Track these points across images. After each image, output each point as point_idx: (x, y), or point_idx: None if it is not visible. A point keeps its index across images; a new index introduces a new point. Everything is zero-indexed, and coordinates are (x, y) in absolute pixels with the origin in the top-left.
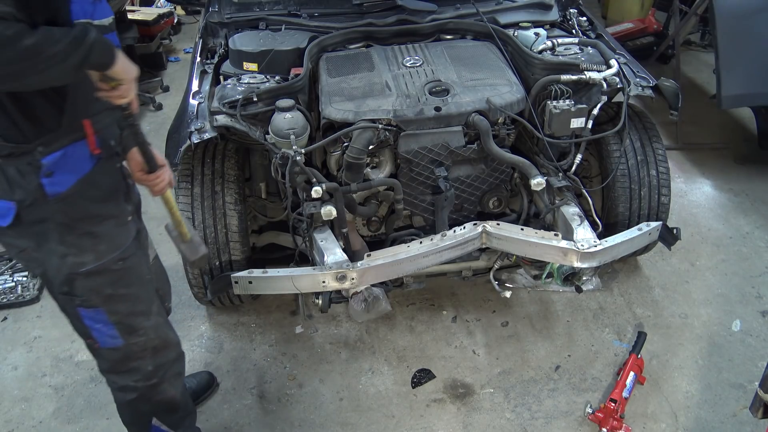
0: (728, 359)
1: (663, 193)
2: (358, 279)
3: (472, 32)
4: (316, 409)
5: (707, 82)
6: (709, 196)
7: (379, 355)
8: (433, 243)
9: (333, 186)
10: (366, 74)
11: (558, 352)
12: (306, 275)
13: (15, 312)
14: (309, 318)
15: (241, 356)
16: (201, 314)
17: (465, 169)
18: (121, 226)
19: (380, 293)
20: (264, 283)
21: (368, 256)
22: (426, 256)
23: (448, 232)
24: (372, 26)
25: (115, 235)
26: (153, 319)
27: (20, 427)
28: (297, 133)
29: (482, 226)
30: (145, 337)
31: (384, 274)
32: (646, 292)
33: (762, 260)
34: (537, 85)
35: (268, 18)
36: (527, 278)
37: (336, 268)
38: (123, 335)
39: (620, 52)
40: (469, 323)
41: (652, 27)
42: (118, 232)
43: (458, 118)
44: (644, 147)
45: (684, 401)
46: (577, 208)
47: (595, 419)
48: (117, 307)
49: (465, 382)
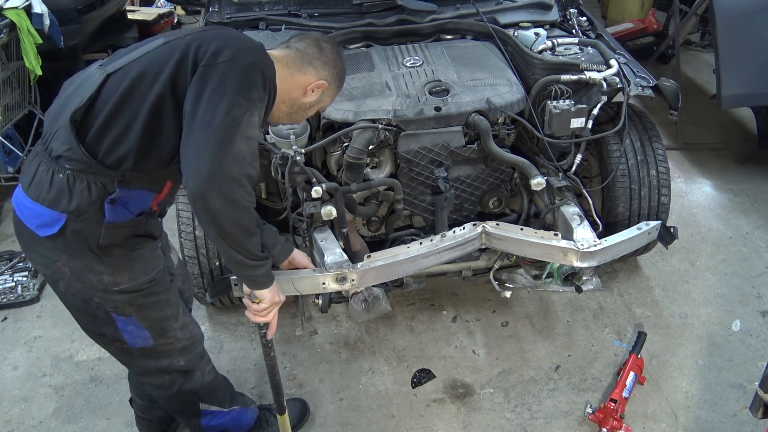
0: (728, 359)
1: (663, 193)
2: (358, 280)
3: (472, 32)
4: (316, 409)
5: (707, 82)
6: (709, 196)
7: (379, 355)
8: (432, 244)
9: (333, 186)
10: (366, 74)
11: (558, 352)
12: (306, 277)
13: (15, 312)
14: (309, 320)
15: (241, 356)
16: (201, 314)
17: (465, 169)
18: (153, 252)
19: (380, 293)
20: None
21: (368, 257)
22: (426, 257)
23: (447, 232)
24: (372, 26)
25: (148, 260)
26: (181, 319)
27: (20, 427)
28: (297, 133)
29: (482, 227)
30: (174, 337)
31: (384, 275)
32: (646, 292)
33: (762, 260)
34: (537, 85)
35: (268, 18)
36: (527, 278)
37: (336, 268)
38: (154, 337)
39: (620, 52)
40: (469, 323)
41: (652, 27)
42: (150, 256)
43: (458, 118)
44: (644, 147)
45: (684, 401)
46: (577, 208)
47: (595, 419)
48: (149, 313)
49: (465, 382)
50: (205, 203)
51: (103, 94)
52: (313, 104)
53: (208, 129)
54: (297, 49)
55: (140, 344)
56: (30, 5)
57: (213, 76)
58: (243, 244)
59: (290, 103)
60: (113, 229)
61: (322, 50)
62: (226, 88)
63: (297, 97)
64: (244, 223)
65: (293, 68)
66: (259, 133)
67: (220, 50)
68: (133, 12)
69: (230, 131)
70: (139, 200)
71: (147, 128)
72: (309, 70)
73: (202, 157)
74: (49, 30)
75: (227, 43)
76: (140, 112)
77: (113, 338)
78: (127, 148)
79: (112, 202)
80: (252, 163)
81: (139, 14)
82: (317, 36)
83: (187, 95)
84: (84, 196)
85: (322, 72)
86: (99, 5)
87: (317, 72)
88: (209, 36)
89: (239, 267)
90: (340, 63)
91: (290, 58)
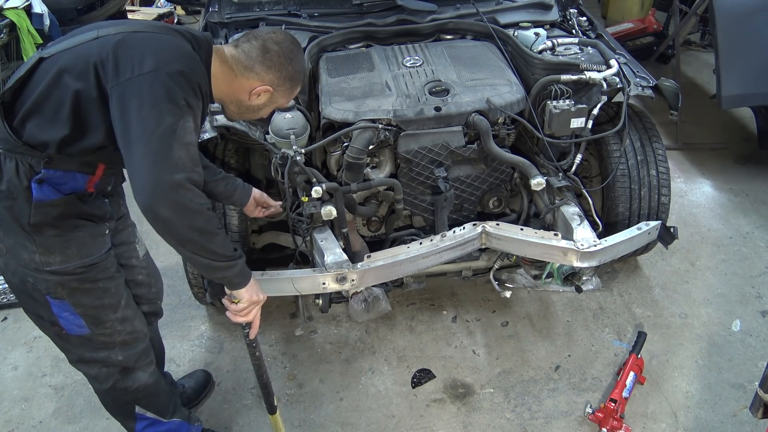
0: (728, 359)
1: (663, 193)
2: (358, 280)
3: (472, 32)
4: (316, 409)
5: (707, 82)
6: (709, 196)
7: (379, 355)
8: (432, 244)
9: (333, 186)
10: (366, 74)
11: (558, 352)
12: (306, 277)
13: (15, 312)
14: (309, 320)
15: (241, 356)
16: (201, 314)
17: (465, 169)
18: (95, 237)
19: (380, 293)
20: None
21: (368, 257)
22: (426, 257)
23: (447, 232)
24: (372, 26)
25: (85, 243)
26: (120, 311)
27: (20, 427)
28: (297, 133)
29: (482, 227)
30: (112, 329)
31: (384, 275)
32: (646, 292)
33: (762, 260)
34: (537, 85)
35: (268, 18)
36: (527, 278)
37: (336, 268)
38: (89, 325)
39: (620, 52)
40: (469, 323)
41: (652, 27)
42: (89, 241)
43: (458, 118)
44: (644, 147)
45: (684, 401)
46: (577, 207)
47: (595, 419)
48: (82, 299)
49: (465, 382)
50: (155, 215)
51: (34, 77)
52: (262, 106)
53: (144, 142)
54: (242, 51)
55: (76, 332)
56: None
57: (139, 89)
58: (206, 247)
59: (237, 104)
60: (42, 207)
61: (267, 53)
62: (155, 98)
63: (243, 99)
64: (200, 225)
65: (237, 71)
66: (196, 138)
67: (143, 59)
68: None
69: (166, 140)
70: (71, 181)
71: (71, 122)
72: (251, 75)
73: (142, 171)
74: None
75: (152, 50)
76: (64, 105)
77: (50, 322)
78: (50, 136)
79: (40, 182)
80: (194, 168)
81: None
82: (266, 36)
83: (114, 111)
84: (12, 174)
85: (266, 77)
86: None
87: (260, 77)
88: (136, 41)
89: (209, 271)
90: (290, 65)
91: (234, 59)
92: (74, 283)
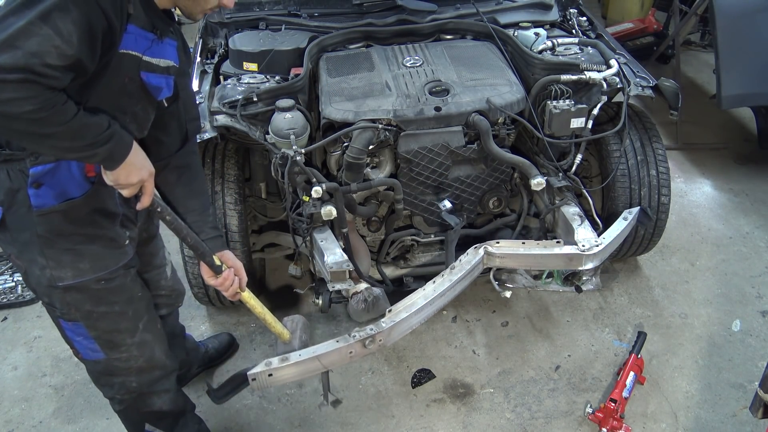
0: (728, 359)
1: (663, 193)
2: (385, 339)
3: (472, 32)
4: (316, 409)
5: (707, 82)
6: (709, 196)
7: (379, 355)
8: (446, 279)
9: (333, 186)
10: (366, 74)
11: (558, 352)
12: (332, 351)
13: (15, 312)
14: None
15: (241, 356)
16: (201, 314)
17: (465, 169)
18: (111, 249)
19: (380, 293)
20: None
21: (389, 311)
22: (442, 295)
23: (455, 263)
24: (372, 26)
25: (100, 256)
26: (138, 336)
27: (20, 427)
28: (297, 133)
29: (483, 248)
30: (128, 354)
31: (408, 325)
32: (646, 292)
33: (762, 260)
34: (537, 85)
35: (268, 18)
36: (527, 278)
37: (336, 268)
38: (104, 350)
39: (620, 52)
40: (469, 323)
41: (652, 27)
42: (105, 253)
43: (458, 118)
44: (644, 147)
45: (684, 401)
46: (578, 207)
47: (595, 419)
48: (97, 323)
49: (465, 382)
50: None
51: None
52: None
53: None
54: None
55: (91, 356)
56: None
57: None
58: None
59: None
60: (45, 215)
61: None
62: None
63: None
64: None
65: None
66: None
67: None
68: None
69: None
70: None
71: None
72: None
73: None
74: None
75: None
76: None
77: (68, 344)
78: None
79: (37, 186)
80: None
81: None
82: None
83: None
84: (6, 185)
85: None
86: None
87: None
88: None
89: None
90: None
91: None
92: (88, 305)
